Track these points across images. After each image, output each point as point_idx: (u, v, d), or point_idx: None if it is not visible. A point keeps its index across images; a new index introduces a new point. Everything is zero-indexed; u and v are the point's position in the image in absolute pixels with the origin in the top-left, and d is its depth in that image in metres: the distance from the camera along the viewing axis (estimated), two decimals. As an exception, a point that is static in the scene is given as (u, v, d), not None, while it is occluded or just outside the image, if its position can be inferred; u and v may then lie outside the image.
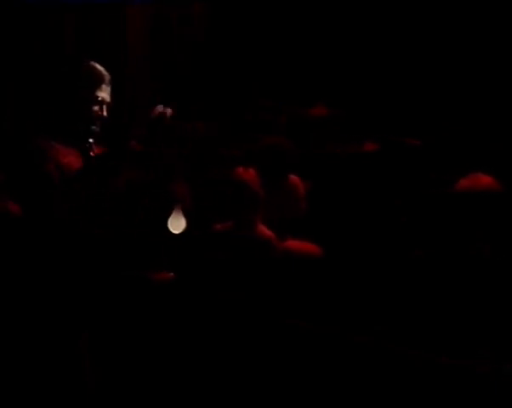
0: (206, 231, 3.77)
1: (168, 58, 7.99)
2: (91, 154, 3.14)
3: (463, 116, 5.68)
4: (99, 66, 3.17)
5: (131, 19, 7.79)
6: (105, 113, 3.15)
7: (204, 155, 4.88)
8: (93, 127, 3.15)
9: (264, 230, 3.68)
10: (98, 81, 3.14)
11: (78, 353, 2.98)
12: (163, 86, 7.72)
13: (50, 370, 2.96)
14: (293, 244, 3.61)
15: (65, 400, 2.96)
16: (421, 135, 4.59)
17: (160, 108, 4.02)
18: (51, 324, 2.96)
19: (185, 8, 8.01)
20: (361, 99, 6.32)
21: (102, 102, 3.14)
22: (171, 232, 3.13)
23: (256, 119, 5.40)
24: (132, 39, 7.82)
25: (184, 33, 8.01)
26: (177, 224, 3.11)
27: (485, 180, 3.70)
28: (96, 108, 3.13)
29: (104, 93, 3.14)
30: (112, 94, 3.21)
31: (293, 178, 4.43)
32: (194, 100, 7.56)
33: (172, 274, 3.20)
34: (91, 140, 3.15)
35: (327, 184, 4.28)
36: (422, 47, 6.60)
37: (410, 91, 6.41)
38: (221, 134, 5.41)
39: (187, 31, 8.01)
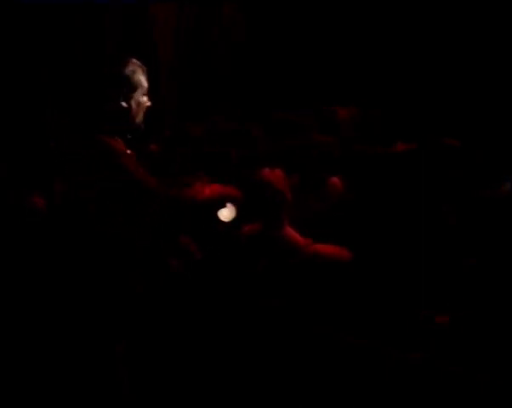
0: (234, 232, 3.71)
1: (195, 59, 7.94)
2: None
3: (502, 116, 5.61)
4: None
5: (157, 19, 7.76)
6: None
7: (232, 155, 4.83)
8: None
9: (292, 233, 3.61)
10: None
11: (114, 361, 2.95)
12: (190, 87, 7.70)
13: (86, 377, 2.94)
14: (321, 247, 3.54)
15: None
16: (460, 135, 4.50)
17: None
18: (88, 331, 2.93)
19: (214, 9, 7.97)
20: (395, 98, 6.26)
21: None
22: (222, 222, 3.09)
23: (284, 119, 5.35)
24: (158, 40, 7.78)
25: (213, 34, 7.97)
26: (227, 213, 3.09)
27: None
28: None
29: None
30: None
31: (334, 179, 4.33)
32: (220, 100, 7.53)
33: None
34: (129, 136, 3.10)
35: (360, 185, 4.19)
36: (460, 46, 6.53)
37: (445, 90, 6.35)
38: (250, 134, 5.35)
39: (216, 31, 7.97)
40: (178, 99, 7.68)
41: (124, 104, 3.02)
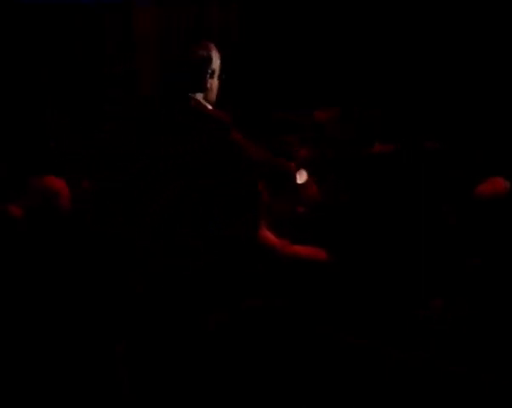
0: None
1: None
2: None
3: (481, 118, 5.62)
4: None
5: (139, 20, 7.72)
6: None
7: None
8: None
9: (268, 235, 3.59)
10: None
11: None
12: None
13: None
14: (300, 248, 3.53)
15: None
16: (440, 138, 4.52)
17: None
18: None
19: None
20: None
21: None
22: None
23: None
24: (140, 40, 7.75)
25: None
26: (301, 176, 3.46)
27: (504, 184, 3.57)
28: None
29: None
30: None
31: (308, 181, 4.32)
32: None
33: None
34: None
35: (340, 187, 4.20)
36: (440, 48, 6.53)
37: (426, 91, 6.35)
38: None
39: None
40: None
41: (208, 85, 3.12)
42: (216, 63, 3.14)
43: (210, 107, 3.12)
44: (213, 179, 3.02)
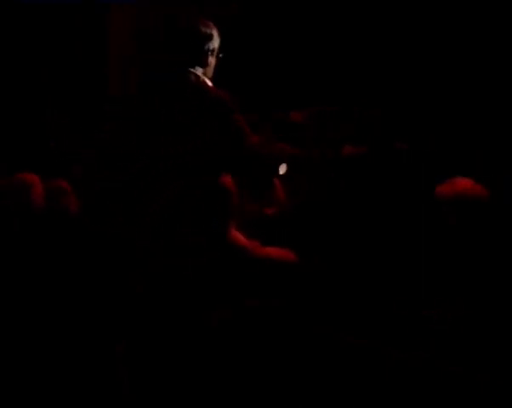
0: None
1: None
2: None
3: (452, 119, 5.63)
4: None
5: (115, 21, 7.71)
6: None
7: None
8: None
9: (238, 235, 3.58)
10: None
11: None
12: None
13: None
14: (269, 250, 3.53)
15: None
16: (408, 139, 4.54)
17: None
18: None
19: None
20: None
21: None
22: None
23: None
24: (115, 40, 7.74)
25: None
26: (282, 168, 3.46)
27: (464, 184, 3.56)
28: None
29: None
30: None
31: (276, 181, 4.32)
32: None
33: None
34: None
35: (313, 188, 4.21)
36: (409, 49, 6.54)
37: (397, 93, 6.36)
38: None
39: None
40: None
41: (208, 61, 3.20)
42: (216, 41, 3.22)
43: (210, 83, 3.17)
44: (215, 174, 3.05)
